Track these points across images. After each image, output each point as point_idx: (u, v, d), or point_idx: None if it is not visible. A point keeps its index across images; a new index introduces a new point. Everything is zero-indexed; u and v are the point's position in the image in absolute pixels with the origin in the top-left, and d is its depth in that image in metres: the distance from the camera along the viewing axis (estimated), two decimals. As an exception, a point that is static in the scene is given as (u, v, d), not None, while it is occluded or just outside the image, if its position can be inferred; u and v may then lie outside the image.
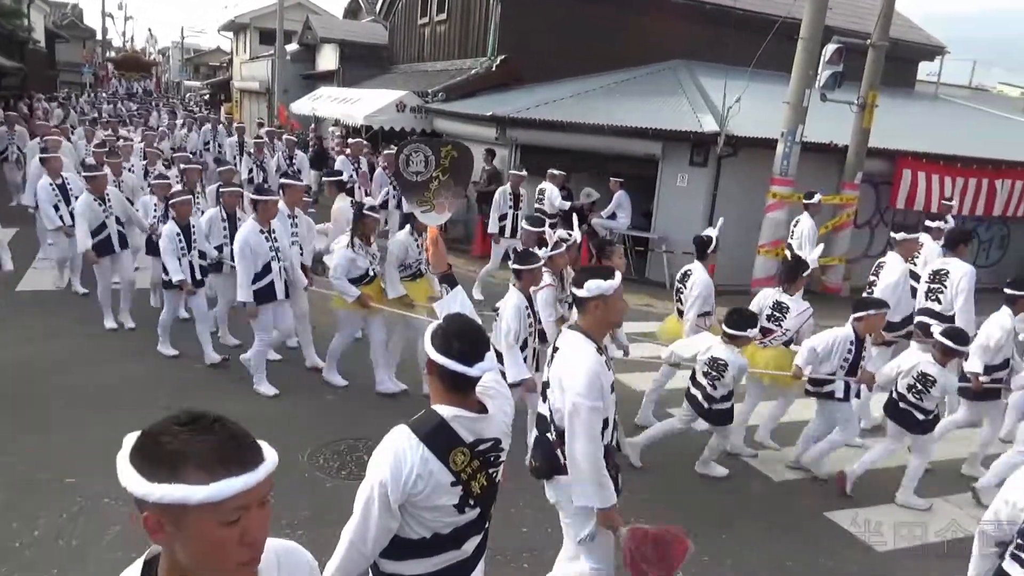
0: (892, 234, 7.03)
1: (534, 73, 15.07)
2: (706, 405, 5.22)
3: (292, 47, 25.60)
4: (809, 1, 10.36)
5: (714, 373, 5.15)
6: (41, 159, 8.88)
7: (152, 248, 7.83)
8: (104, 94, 36.73)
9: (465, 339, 2.23)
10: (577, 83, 13.99)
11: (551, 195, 10.61)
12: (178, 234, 6.74)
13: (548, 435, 3.27)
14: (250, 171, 12.60)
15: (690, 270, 6.23)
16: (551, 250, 5.65)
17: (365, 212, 6.30)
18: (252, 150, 13.26)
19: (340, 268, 6.18)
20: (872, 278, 6.96)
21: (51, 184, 8.32)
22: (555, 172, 10.77)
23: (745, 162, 10.98)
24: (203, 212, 7.53)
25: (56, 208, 8.27)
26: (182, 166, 9.04)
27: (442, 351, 2.21)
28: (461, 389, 2.25)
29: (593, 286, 3.16)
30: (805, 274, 6.09)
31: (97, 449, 5.05)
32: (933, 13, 53.48)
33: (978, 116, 17.21)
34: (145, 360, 6.84)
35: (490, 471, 2.35)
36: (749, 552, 4.56)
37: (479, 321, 2.46)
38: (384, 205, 11.16)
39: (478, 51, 16.25)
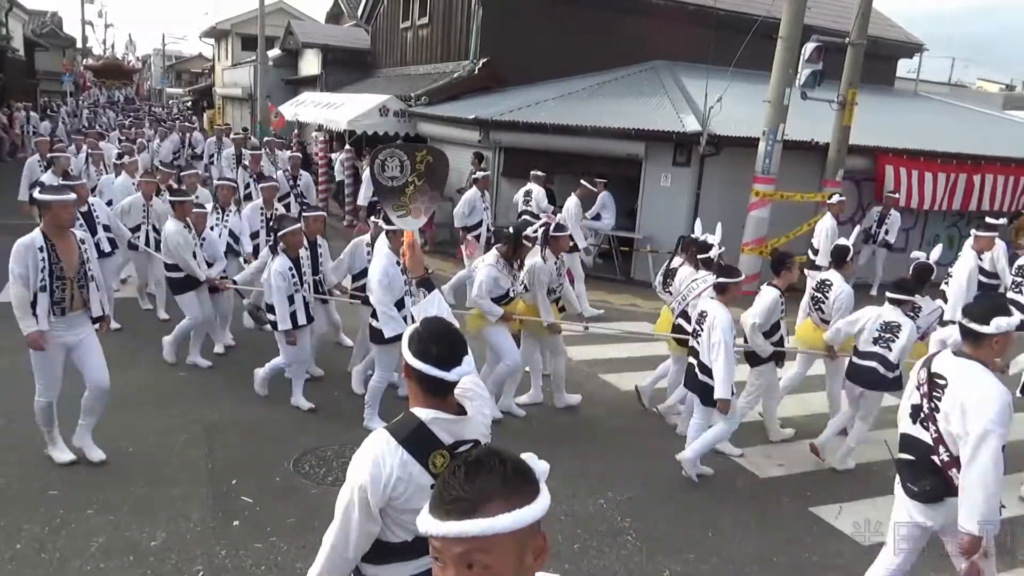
0: (973, 230, 8.01)
1: (517, 76, 15.09)
2: None
3: (274, 53, 25.52)
4: (788, 1, 10.44)
5: None
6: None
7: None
8: (85, 103, 36.19)
9: (443, 343, 2.22)
10: (560, 85, 14.02)
11: (539, 197, 10.62)
12: (290, 268, 6.01)
13: (934, 458, 3.33)
14: (247, 187, 11.13)
15: (829, 280, 6.26)
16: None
17: (525, 236, 6.09)
18: (248, 162, 11.89)
19: (484, 286, 5.88)
20: (950, 270, 7.60)
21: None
22: (538, 173, 10.78)
23: (728, 161, 11.04)
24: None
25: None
26: (216, 183, 8.48)
27: (419, 356, 2.20)
28: (439, 393, 2.24)
29: (1003, 323, 3.24)
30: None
31: (80, 460, 5.03)
32: (915, 11, 54.03)
33: (958, 112, 17.38)
34: (128, 370, 6.76)
35: (471, 473, 2.35)
36: (735, 549, 4.58)
37: (456, 324, 2.46)
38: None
39: (460, 54, 16.25)
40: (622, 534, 4.66)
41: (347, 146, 14.99)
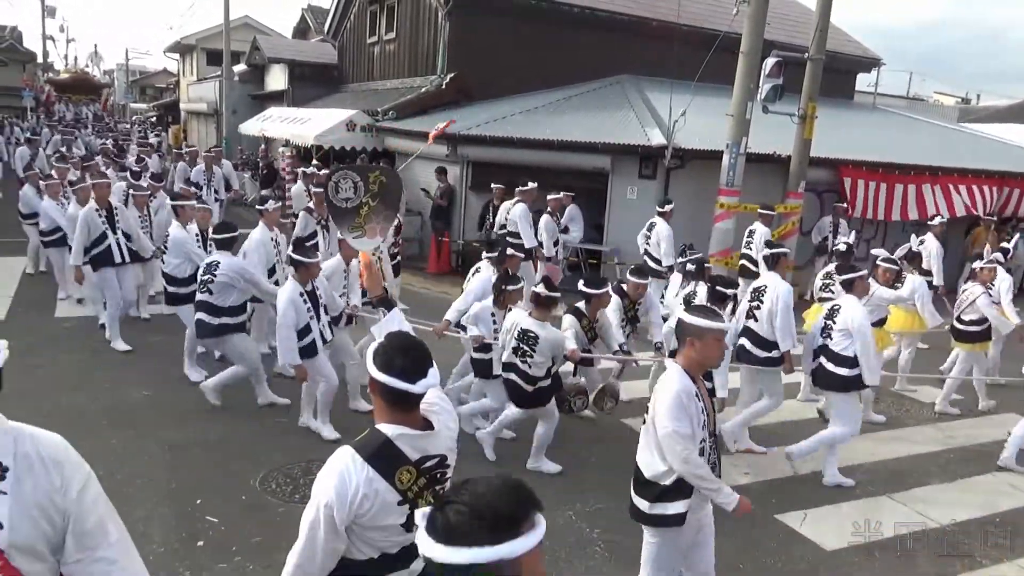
0: None
1: (484, 90, 15.16)
2: None
3: (240, 68, 25.34)
4: (749, 16, 10.65)
5: None
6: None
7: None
8: (45, 121, 34.82)
9: (407, 356, 2.23)
10: (527, 99, 14.13)
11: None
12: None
13: None
14: (312, 235, 8.88)
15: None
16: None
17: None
18: (313, 204, 9.38)
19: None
20: None
21: None
22: (499, 186, 10.84)
23: (693, 174, 11.21)
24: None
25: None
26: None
27: (384, 368, 2.20)
28: (404, 406, 2.25)
29: None
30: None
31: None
32: (873, 27, 55.45)
33: (915, 125, 17.81)
34: (86, 390, 6.66)
35: (437, 488, 2.35)
36: (703, 557, 4.62)
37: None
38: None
39: (428, 69, 16.30)
40: (591, 545, 4.68)
41: (314, 161, 14.92)
